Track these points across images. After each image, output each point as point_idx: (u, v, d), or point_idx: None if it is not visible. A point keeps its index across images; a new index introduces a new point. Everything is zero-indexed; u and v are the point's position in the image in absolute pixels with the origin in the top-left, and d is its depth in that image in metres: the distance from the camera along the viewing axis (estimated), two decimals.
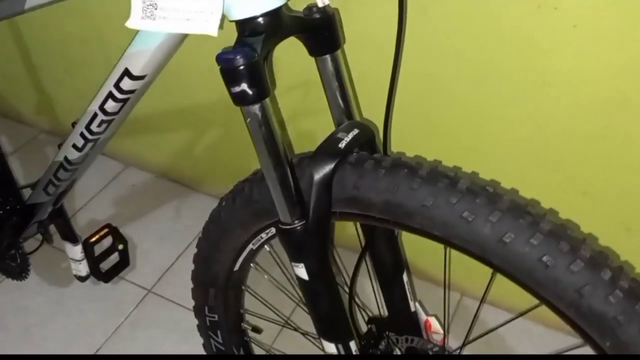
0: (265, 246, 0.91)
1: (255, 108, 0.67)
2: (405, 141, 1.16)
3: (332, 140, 0.75)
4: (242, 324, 1.04)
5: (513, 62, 0.97)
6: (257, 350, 1.15)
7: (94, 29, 1.45)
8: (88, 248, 1.25)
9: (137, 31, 0.77)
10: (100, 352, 1.34)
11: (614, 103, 0.95)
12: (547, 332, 1.35)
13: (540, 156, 1.08)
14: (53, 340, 1.36)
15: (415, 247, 1.34)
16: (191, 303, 1.41)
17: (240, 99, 0.67)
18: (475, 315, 0.82)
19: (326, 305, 0.78)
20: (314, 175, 0.72)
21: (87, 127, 0.90)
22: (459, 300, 1.41)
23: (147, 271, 1.50)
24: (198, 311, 1.02)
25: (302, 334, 1.07)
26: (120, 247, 1.32)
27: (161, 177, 1.72)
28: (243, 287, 0.99)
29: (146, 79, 0.82)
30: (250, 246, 0.90)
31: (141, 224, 1.60)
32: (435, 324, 0.93)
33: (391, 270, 0.91)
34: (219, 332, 1.03)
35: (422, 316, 0.94)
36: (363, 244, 0.89)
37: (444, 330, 0.88)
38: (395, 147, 1.19)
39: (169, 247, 1.55)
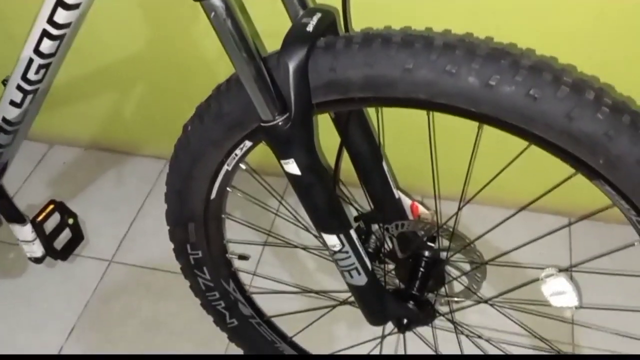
0: (241, 164, 0.88)
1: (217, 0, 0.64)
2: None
3: (298, 26, 0.72)
4: (226, 255, 1.02)
5: None
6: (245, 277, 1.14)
7: None
8: (37, 227, 1.18)
9: None
10: (75, 332, 1.28)
11: None
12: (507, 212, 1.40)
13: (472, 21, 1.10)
14: (20, 332, 1.29)
15: None
16: (159, 263, 1.38)
17: None
18: (469, 170, 0.84)
19: (321, 196, 0.77)
20: (289, 64, 0.70)
21: (24, 77, 0.83)
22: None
23: (103, 243, 1.43)
24: (179, 252, 0.98)
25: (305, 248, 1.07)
26: (71, 221, 1.25)
27: (92, 149, 1.63)
28: (223, 216, 0.96)
29: (81, 7, 0.77)
30: (226, 167, 0.87)
31: (84, 199, 1.52)
32: (421, 207, 0.95)
33: (370, 160, 0.91)
34: (205, 269, 0.99)
35: (407, 201, 0.95)
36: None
37: (435, 206, 0.89)
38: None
39: (120, 215, 1.48)
